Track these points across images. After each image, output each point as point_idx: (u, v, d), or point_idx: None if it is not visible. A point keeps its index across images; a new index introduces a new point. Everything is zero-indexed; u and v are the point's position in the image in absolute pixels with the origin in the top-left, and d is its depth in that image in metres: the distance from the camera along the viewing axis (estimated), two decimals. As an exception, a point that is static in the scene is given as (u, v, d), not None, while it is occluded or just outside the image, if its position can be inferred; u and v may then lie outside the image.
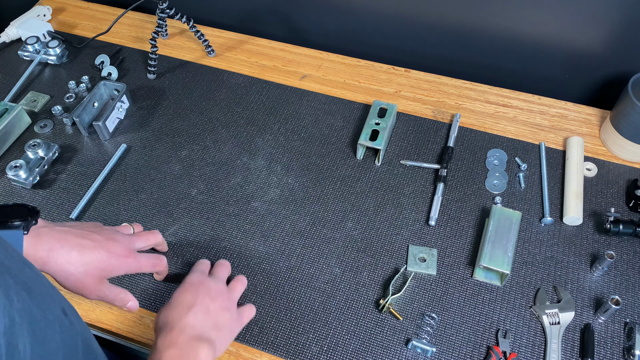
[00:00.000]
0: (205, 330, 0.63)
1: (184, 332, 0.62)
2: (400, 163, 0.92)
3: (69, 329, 0.48)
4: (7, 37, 1.13)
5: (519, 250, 0.81)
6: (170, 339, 0.61)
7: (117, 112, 0.98)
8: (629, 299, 0.76)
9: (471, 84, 1.04)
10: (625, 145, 0.89)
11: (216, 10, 1.21)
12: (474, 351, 0.72)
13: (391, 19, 1.08)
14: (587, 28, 0.95)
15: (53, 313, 0.46)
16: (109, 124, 0.96)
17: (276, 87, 1.05)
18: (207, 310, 0.65)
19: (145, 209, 0.88)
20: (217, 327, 0.65)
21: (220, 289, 0.70)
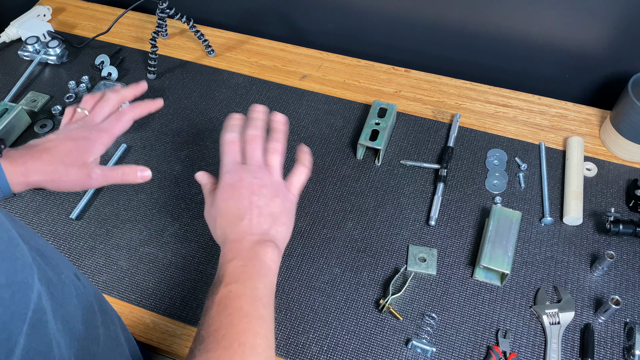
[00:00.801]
0: (262, 230, 0.60)
1: (243, 241, 0.58)
2: (400, 163, 0.92)
3: (83, 291, 0.48)
4: (7, 37, 1.13)
5: (519, 250, 0.81)
6: (231, 252, 0.58)
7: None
8: (629, 299, 0.76)
9: (471, 84, 1.04)
10: (625, 145, 0.89)
11: (216, 10, 1.21)
12: (474, 351, 0.72)
13: (391, 19, 1.08)
14: (587, 28, 0.95)
15: (68, 276, 0.46)
16: None
17: (276, 87, 1.05)
18: (258, 209, 0.60)
19: (145, 209, 0.88)
20: (274, 221, 0.61)
21: (261, 178, 0.63)
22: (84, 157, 0.69)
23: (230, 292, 0.54)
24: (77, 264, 0.81)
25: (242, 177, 0.63)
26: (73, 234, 0.85)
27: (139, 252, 0.83)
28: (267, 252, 0.58)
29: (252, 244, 0.58)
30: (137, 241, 0.84)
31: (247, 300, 0.54)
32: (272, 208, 0.61)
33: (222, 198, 0.62)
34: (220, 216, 0.62)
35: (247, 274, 0.56)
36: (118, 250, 0.83)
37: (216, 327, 0.52)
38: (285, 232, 0.62)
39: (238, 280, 0.55)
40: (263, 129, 0.68)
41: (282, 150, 0.67)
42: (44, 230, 0.85)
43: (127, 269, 0.81)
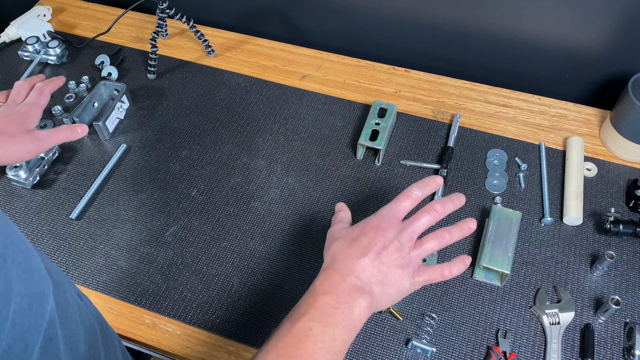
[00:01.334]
0: (370, 282, 0.57)
1: (347, 279, 0.56)
2: (400, 163, 0.92)
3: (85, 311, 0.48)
4: (7, 37, 1.13)
5: (519, 250, 0.81)
6: (331, 284, 0.56)
7: (117, 112, 0.98)
8: (629, 299, 0.76)
9: (471, 84, 1.04)
10: (625, 145, 0.89)
11: (216, 10, 1.21)
12: (474, 351, 0.72)
13: (391, 19, 1.08)
14: (587, 28, 0.95)
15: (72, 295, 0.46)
16: (109, 124, 0.96)
17: (276, 87, 1.05)
18: (378, 263, 0.58)
19: (145, 209, 0.88)
20: (383, 281, 0.58)
21: (402, 244, 0.60)
22: (25, 125, 0.75)
23: (310, 330, 0.52)
24: (77, 263, 0.82)
25: (389, 229, 0.60)
26: (73, 234, 0.85)
27: (139, 252, 0.83)
28: (361, 305, 0.55)
29: (353, 287, 0.56)
30: (137, 241, 0.84)
31: (321, 349, 0.52)
32: (389, 273, 0.59)
33: (359, 230, 0.61)
34: (344, 241, 0.60)
35: (333, 318, 0.54)
36: (118, 250, 0.83)
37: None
38: (384, 300, 0.59)
39: (323, 321, 0.53)
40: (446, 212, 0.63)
41: (444, 244, 0.62)
42: (44, 230, 0.85)
43: (127, 269, 0.81)
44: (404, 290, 0.60)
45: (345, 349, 0.55)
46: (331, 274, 0.57)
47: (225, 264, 0.81)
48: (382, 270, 0.58)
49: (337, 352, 0.53)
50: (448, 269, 0.62)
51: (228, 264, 0.81)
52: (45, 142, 0.78)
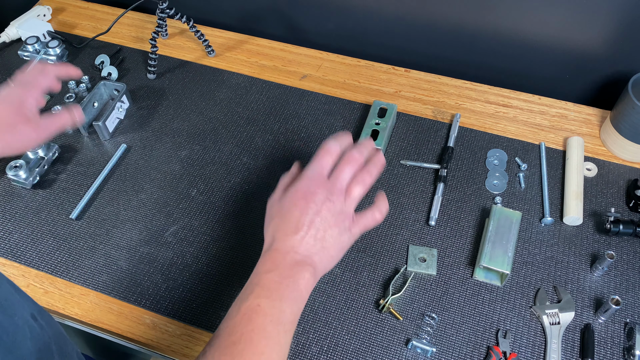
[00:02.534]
0: (309, 253, 0.58)
1: (287, 256, 0.57)
2: (400, 163, 0.92)
3: (40, 333, 0.48)
4: (7, 37, 1.13)
5: (519, 250, 0.81)
6: (272, 262, 0.57)
7: (117, 112, 0.98)
8: (629, 299, 0.76)
9: (471, 84, 1.04)
10: (625, 145, 0.89)
11: (216, 10, 1.21)
12: (474, 351, 0.72)
13: (391, 19, 1.08)
14: (587, 28, 0.95)
15: (22, 318, 0.46)
16: (109, 124, 0.96)
17: (276, 87, 1.05)
18: (315, 231, 0.58)
19: (145, 209, 0.88)
20: (322, 248, 0.59)
21: (333, 201, 0.60)
22: (23, 112, 0.71)
23: (258, 305, 0.54)
24: (77, 263, 0.82)
25: (317, 191, 0.60)
26: (73, 234, 0.85)
27: (139, 252, 0.83)
28: (304, 276, 0.57)
29: (293, 262, 0.57)
30: (137, 241, 0.84)
31: (271, 321, 0.53)
32: (327, 236, 0.59)
33: (290, 201, 0.61)
34: (279, 217, 0.61)
35: (279, 292, 0.55)
36: (118, 250, 0.83)
37: (235, 340, 0.52)
38: (327, 264, 0.60)
39: (269, 296, 0.54)
40: (364, 157, 0.64)
41: (369, 185, 0.63)
42: (44, 230, 0.85)
43: (127, 269, 0.81)
44: (344, 246, 0.61)
45: (295, 319, 0.56)
46: (272, 254, 0.58)
47: (225, 264, 0.81)
48: (319, 237, 0.58)
49: (287, 322, 0.54)
50: (378, 211, 0.63)
51: (228, 264, 0.81)
52: (47, 129, 0.74)
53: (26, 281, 0.81)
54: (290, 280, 0.56)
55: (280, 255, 0.58)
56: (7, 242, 0.84)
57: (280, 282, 0.56)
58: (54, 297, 0.79)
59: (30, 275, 0.81)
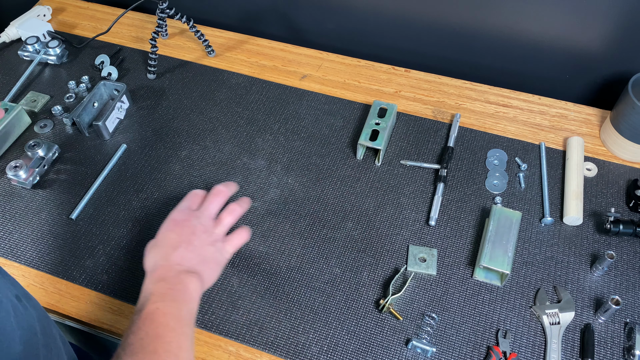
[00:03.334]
0: (191, 265, 0.65)
1: (172, 268, 0.64)
2: (400, 163, 0.92)
3: (24, 313, 0.51)
4: (7, 37, 1.13)
5: (519, 250, 0.81)
6: (159, 275, 0.63)
7: (117, 112, 0.98)
8: (629, 299, 0.76)
9: (471, 84, 1.04)
10: (625, 145, 0.89)
11: (216, 10, 1.21)
12: (474, 351, 0.72)
13: (391, 19, 1.08)
14: (587, 28, 0.95)
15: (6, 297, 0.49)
16: (109, 124, 0.96)
17: (276, 87, 1.05)
18: (192, 247, 0.67)
19: (145, 209, 0.87)
20: (203, 261, 0.67)
21: (205, 225, 0.70)
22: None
23: (157, 309, 0.59)
24: (77, 264, 0.81)
25: (188, 218, 0.69)
26: (73, 234, 0.85)
27: (139, 252, 0.83)
28: (192, 281, 0.63)
29: (178, 272, 0.64)
30: (137, 241, 0.84)
31: (172, 318, 0.59)
32: (205, 252, 0.67)
33: (164, 230, 0.69)
34: (156, 246, 0.67)
35: (172, 296, 0.61)
36: (118, 250, 0.83)
37: (143, 336, 0.56)
38: (210, 276, 0.67)
39: (164, 300, 0.60)
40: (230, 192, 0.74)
41: (237, 216, 0.73)
42: (44, 230, 0.85)
43: (127, 269, 0.81)
44: (222, 262, 0.69)
45: (193, 317, 0.62)
46: (157, 271, 0.64)
47: (225, 264, 0.81)
48: (197, 252, 0.66)
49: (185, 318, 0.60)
50: (245, 230, 0.73)
51: (228, 264, 0.81)
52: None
53: (26, 281, 0.81)
54: (180, 286, 0.62)
55: (166, 270, 0.64)
56: (7, 242, 0.84)
57: (171, 288, 0.62)
58: (54, 297, 0.79)
59: (30, 275, 0.81)
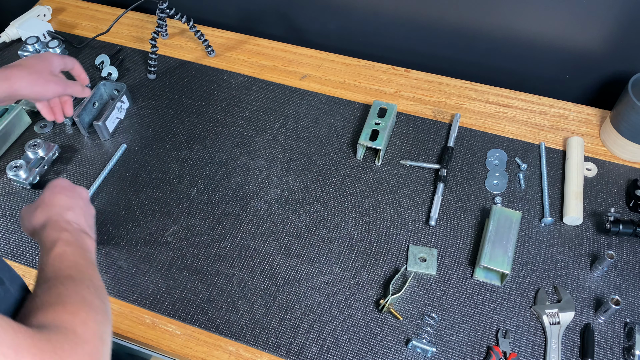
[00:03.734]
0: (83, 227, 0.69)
1: (70, 225, 0.67)
2: (400, 163, 0.92)
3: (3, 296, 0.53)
4: (7, 37, 1.13)
5: (519, 250, 0.81)
6: (61, 228, 0.66)
7: (117, 112, 0.98)
8: (629, 299, 0.76)
9: (471, 84, 1.04)
10: (625, 145, 0.89)
11: (216, 10, 1.21)
12: (474, 351, 0.72)
13: (391, 19, 1.08)
14: (587, 28, 0.95)
15: None
16: (109, 124, 0.96)
17: (276, 87, 1.05)
18: (81, 210, 0.71)
19: (145, 209, 0.88)
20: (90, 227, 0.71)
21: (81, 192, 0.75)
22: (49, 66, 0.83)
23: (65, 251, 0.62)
24: (77, 264, 0.82)
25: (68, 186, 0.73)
26: (73, 234, 0.85)
27: (139, 252, 0.83)
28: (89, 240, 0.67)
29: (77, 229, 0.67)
30: (137, 241, 0.84)
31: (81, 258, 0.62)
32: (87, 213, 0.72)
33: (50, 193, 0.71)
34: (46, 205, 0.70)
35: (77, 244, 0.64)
36: (118, 250, 0.83)
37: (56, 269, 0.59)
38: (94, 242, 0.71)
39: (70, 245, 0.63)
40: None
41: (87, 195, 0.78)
42: (44, 230, 0.85)
43: (127, 269, 0.81)
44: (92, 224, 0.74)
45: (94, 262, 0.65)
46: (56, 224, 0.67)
47: (225, 264, 0.81)
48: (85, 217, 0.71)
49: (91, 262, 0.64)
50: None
51: (228, 264, 0.81)
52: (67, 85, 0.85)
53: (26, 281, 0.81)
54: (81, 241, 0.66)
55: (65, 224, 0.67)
56: (7, 242, 0.84)
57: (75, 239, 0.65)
58: (54, 297, 0.79)
59: (31, 275, 0.81)
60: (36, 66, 0.82)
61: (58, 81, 0.84)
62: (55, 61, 0.86)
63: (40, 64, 0.83)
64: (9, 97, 0.80)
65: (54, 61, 0.85)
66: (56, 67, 0.86)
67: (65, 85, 0.85)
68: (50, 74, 0.84)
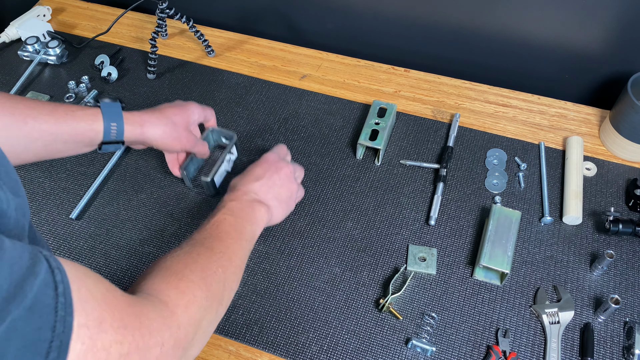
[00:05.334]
0: (266, 198, 0.74)
1: (247, 194, 0.73)
2: (400, 163, 0.92)
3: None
4: (7, 37, 1.13)
5: (519, 249, 0.81)
6: (234, 196, 0.72)
7: (227, 165, 0.90)
8: (628, 298, 0.76)
9: (471, 84, 1.04)
10: (625, 144, 0.89)
11: (216, 10, 1.21)
12: (474, 350, 0.72)
13: (391, 19, 1.08)
14: (587, 28, 0.95)
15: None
16: (217, 179, 0.88)
17: (276, 87, 1.05)
18: (272, 184, 0.75)
19: (145, 209, 0.88)
20: (277, 198, 0.75)
21: (288, 171, 0.78)
22: (187, 120, 0.81)
23: (225, 219, 0.67)
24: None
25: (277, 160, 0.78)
26: (73, 234, 0.85)
27: (139, 252, 0.83)
28: (261, 209, 0.72)
29: (252, 200, 0.72)
30: (137, 241, 0.84)
31: (235, 230, 0.66)
32: (281, 193, 0.76)
33: (254, 165, 0.77)
34: (242, 175, 0.76)
35: (241, 214, 0.69)
36: (118, 250, 0.83)
37: (206, 236, 0.64)
38: (277, 214, 0.76)
39: (233, 214, 0.68)
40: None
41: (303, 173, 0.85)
42: (44, 230, 0.85)
43: (127, 269, 0.81)
44: (290, 207, 0.79)
45: (253, 238, 0.70)
46: (235, 193, 0.73)
47: (225, 263, 0.81)
48: (274, 190, 0.75)
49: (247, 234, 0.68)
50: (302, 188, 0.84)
51: (228, 264, 0.81)
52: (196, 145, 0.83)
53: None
54: (249, 209, 0.71)
55: (242, 193, 0.73)
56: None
57: (242, 209, 0.70)
58: (54, 296, 0.79)
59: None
60: (174, 117, 0.79)
61: (190, 138, 0.81)
62: (196, 114, 0.83)
63: (179, 115, 0.80)
64: (141, 142, 0.78)
65: (194, 114, 0.83)
66: (194, 121, 0.83)
67: (195, 144, 0.82)
68: (185, 128, 0.81)
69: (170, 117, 0.79)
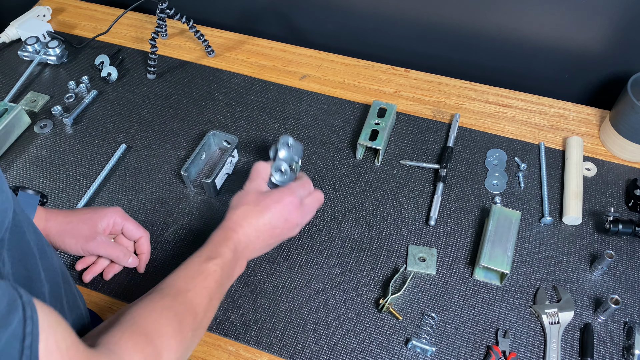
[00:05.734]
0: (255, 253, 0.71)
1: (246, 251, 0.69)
2: (400, 163, 0.92)
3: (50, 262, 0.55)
4: (7, 37, 1.13)
5: (519, 249, 0.81)
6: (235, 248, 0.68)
7: (227, 168, 0.90)
8: (628, 299, 0.76)
9: (470, 84, 1.04)
10: (625, 145, 0.89)
11: (216, 10, 1.21)
12: (474, 351, 0.72)
13: (391, 19, 1.08)
14: (587, 28, 0.95)
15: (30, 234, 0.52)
16: (218, 182, 0.88)
17: (276, 87, 1.05)
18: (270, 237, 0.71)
19: (145, 209, 0.88)
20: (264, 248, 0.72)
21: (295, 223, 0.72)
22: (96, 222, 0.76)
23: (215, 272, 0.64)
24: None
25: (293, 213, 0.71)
26: (73, 234, 0.85)
27: (139, 252, 0.83)
28: (242, 267, 0.69)
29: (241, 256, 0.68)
30: (137, 241, 0.84)
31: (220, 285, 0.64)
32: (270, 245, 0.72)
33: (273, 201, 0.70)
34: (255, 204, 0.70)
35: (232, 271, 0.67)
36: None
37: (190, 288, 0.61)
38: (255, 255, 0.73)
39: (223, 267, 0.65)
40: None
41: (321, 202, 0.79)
42: (44, 230, 0.85)
43: (127, 269, 0.81)
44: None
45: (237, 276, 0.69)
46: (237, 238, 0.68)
47: (225, 263, 0.81)
48: (267, 245, 0.72)
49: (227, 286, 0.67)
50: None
51: (228, 264, 0.81)
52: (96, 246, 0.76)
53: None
54: (238, 268, 0.68)
55: (243, 245, 0.68)
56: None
57: (232, 267, 0.67)
58: (54, 297, 0.79)
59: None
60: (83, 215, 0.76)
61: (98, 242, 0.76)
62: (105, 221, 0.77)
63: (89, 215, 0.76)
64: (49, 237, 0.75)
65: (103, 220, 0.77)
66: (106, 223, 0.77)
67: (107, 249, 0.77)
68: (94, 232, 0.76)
69: (79, 216, 0.76)
